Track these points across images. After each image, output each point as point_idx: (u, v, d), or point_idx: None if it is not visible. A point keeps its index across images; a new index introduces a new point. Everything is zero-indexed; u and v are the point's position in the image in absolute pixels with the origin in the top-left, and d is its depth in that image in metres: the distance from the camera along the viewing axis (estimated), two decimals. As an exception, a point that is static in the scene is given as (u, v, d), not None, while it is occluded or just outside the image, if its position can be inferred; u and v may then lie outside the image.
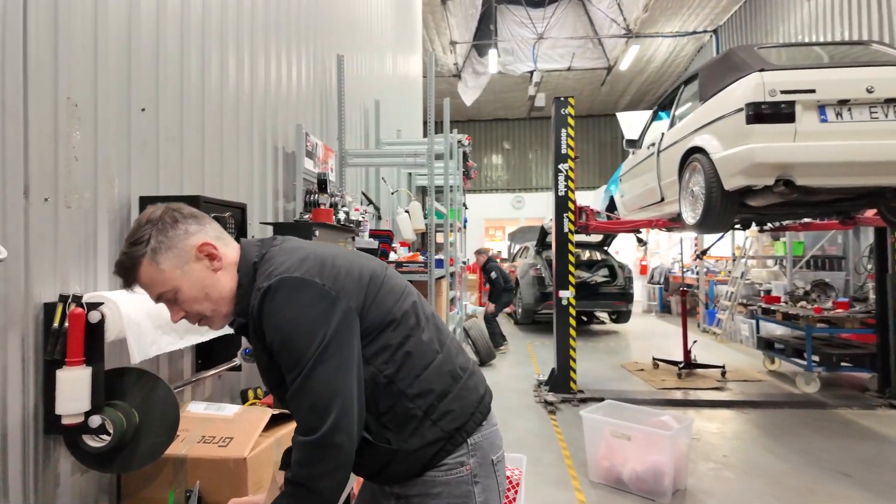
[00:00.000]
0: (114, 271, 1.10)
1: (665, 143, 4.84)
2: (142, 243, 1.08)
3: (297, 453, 1.07)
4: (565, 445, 4.21)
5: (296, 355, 1.05)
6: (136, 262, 1.08)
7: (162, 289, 1.10)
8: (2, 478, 1.31)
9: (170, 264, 1.09)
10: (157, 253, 1.08)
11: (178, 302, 1.12)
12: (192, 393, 2.15)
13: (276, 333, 1.06)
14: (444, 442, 1.18)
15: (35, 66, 1.41)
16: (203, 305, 1.12)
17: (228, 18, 2.45)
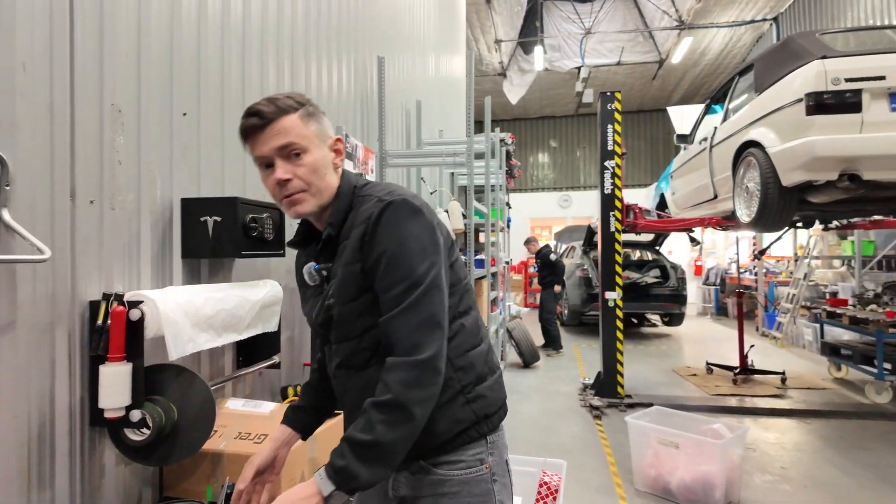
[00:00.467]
0: (256, 109, 1.09)
1: (718, 138, 4.62)
2: (300, 104, 1.11)
3: (398, 374, 1.02)
4: (610, 451, 4.09)
5: (407, 271, 1.04)
6: (286, 110, 1.09)
7: (296, 140, 1.09)
8: (49, 467, 1.37)
9: (314, 130, 1.12)
10: (310, 116, 1.12)
11: (299, 162, 1.10)
12: (233, 389, 2.20)
13: (391, 243, 1.05)
14: (469, 427, 1.16)
15: (81, 73, 1.47)
16: (314, 179, 1.11)
17: (269, 24, 2.50)
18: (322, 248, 1.17)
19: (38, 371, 1.35)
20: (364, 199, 1.14)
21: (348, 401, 1.20)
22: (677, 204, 5.96)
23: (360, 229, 1.09)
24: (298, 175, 1.10)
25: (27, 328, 1.32)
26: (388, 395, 1.00)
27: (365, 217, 1.09)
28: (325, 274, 1.16)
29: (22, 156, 1.30)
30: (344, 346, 1.16)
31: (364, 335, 1.12)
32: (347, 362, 1.16)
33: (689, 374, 6.62)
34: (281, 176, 1.09)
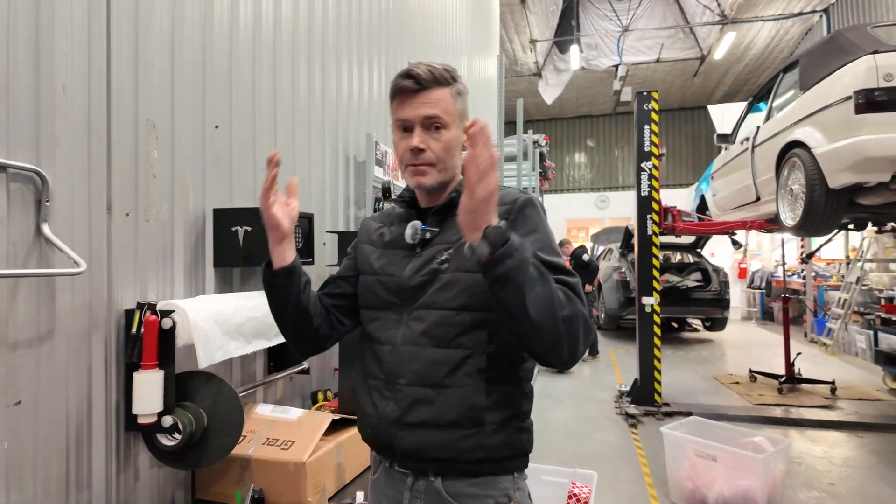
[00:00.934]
0: (416, 73, 1.08)
1: (761, 138, 4.44)
2: (455, 80, 1.13)
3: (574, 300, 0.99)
4: (646, 461, 3.98)
5: (556, 250, 1.07)
6: (441, 81, 1.10)
7: (441, 114, 1.10)
8: (86, 469, 1.44)
9: (459, 109, 1.13)
10: (459, 94, 1.13)
11: (438, 135, 1.11)
12: (265, 394, 2.25)
13: (539, 226, 1.08)
14: (512, 456, 1.11)
15: (117, 91, 1.53)
16: (445, 156, 1.12)
17: (300, 35, 2.55)
18: (436, 212, 1.15)
19: (76, 377, 1.42)
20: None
21: (410, 371, 1.08)
22: (718, 206, 5.77)
23: (503, 208, 1.06)
24: (432, 148, 1.10)
25: (66, 336, 1.38)
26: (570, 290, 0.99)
27: (509, 199, 1.09)
28: (428, 237, 1.13)
29: (61, 172, 1.36)
30: (435, 315, 1.08)
31: (461, 311, 1.07)
32: (430, 332, 1.08)
33: (732, 382, 6.38)
34: (417, 144, 1.09)
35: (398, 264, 1.16)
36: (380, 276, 1.18)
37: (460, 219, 0.94)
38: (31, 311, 1.29)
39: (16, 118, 1.25)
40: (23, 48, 1.27)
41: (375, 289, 1.18)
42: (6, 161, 1.21)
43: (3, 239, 1.23)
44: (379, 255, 1.21)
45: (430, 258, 1.11)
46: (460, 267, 1.07)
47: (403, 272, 1.13)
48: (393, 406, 1.10)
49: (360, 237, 1.30)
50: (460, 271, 1.07)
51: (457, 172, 1.15)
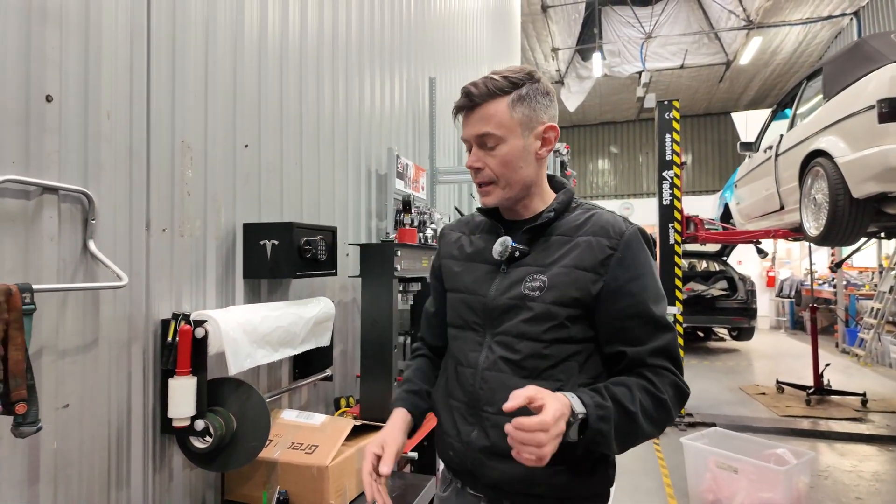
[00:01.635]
0: (467, 89, 1.06)
1: (784, 146, 4.41)
2: (515, 84, 1.04)
3: (673, 388, 1.00)
4: (667, 473, 3.96)
5: (658, 294, 1.04)
6: (495, 92, 1.04)
7: (493, 131, 1.04)
8: (126, 469, 1.54)
9: (520, 117, 1.04)
10: (521, 102, 1.04)
11: (493, 153, 1.06)
12: (290, 400, 2.35)
13: (644, 269, 1.03)
14: (596, 494, 1.08)
15: (156, 115, 1.65)
16: (504, 171, 1.06)
17: (324, 51, 2.66)
18: (529, 229, 1.09)
19: (118, 383, 1.52)
20: (597, 211, 1.09)
21: (500, 400, 0.96)
22: (742, 214, 5.71)
23: (605, 241, 1.03)
24: (489, 165, 1.06)
25: (108, 345, 1.48)
26: (661, 395, 0.98)
27: (615, 231, 1.03)
28: (518, 255, 1.08)
29: (105, 192, 1.47)
30: (525, 345, 1.04)
31: (553, 344, 1.03)
32: (521, 363, 1.04)
33: (758, 393, 6.28)
34: (471, 163, 1.07)
35: (482, 282, 1.11)
36: (464, 294, 1.14)
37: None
38: (77, 321, 1.40)
39: (66, 145, 1.37)
40: (73, 80, 1.39)
41: (459, 308, 1.15)
42: (58, 184, 1.33)
43: (55, 255, 1.34)
44: (461, 270, 1.17)
45: (518, 279, 1.06)
46: (557, 300, 1.02)
47: (488, 291, 1.09)
48: (479, 433, 1.06)
49: (442, 252, 1.27)
50: (556, 305, 1.02)
51: (534, 183, 1.10)
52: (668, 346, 1.01)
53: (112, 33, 1.50)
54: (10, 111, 1.24)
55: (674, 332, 1.03)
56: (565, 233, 1.07)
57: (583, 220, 1.07)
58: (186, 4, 1.78)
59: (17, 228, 1.25)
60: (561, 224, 1.08)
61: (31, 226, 1.29)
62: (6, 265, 1.22)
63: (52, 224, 1.33)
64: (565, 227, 1.07)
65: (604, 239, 1.03)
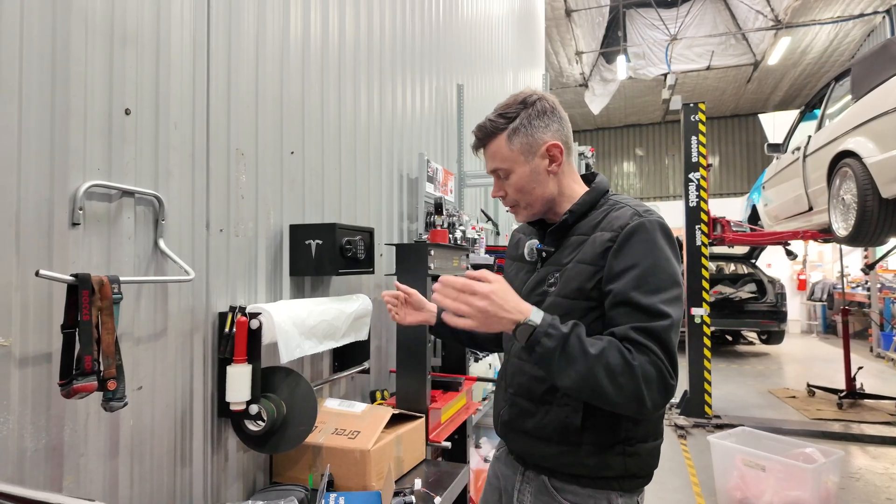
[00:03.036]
0: (474, 131, 1.21)
1: (812, 147, 4.40)
2: (508, 118, 1.17)
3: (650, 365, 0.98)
4: (695, 472, 3.99)
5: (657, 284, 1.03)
6: (492, 133, 1.18)
7: (501, 165, 1.18)
8: (189, 448, 1.68)
9: (519, 147, 1.16)
10: (516, 133, 1.16)
11: (508, 183, 1.19)
12: (330, 390, 2.48)
13: (643, 259, 1.04)
14: (613, 478, 1.13)
15: (214, 125, 1.80)
16: (521, 196, 1.19)
17: (360, 61, 2.80)
18: (552, 231, 1.22)
19: (182, 369, 1.67)
20: (617, 206, 1.16)
21: (517, 383, 1.21)
22: (769, 216, 5.69)
23: (606, 234, 1.09)
24: (508, 192, 1.23)
25: (175, 334, 1.64)
26: (633, 361, 0.97)
27: (618, 224, 1.09)
28: (544, 256, 1.23)
29: (172, 196, 1.63)
30: None
31: None
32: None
33: (788, 397, 6.22)
34: (494, 194, 1.25)
35: (520, 279, 1.28)
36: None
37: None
38: (149, 312, 1.55)
39: (141, 154, 1.53)
40: (147, 95, 1.54)
41: None
42: (135, 188, 1.48)
43: (131, 252, 1.49)
44: (513, 268, 1.36)
45: (543, 277, 1.20)
46: (560, 292, 1.13)
47: (521, 289, 1.22)
48: (506, 409, 1.25)
49: (509, 251, 1.45)
50: (560, 297, 1.13)
51: (556, 195, 1.21)
52: (656, 330, 1.00)
53: (178, 50, 1.66)
54: (96, 124, 1.40)
55: (669, 322, 1.01)
56: (585, 231, 1.16)
57: (600, 217, 1.15)
58: (241, 20, 1.93)
59: (101, 228, 1.41)
60: (582, 224, 1.18)
61: (113, 225, 1.44)
62: (94, 260, 1.38)
63: (129, 224, 1.49)
64: (586, 227, 1.16)
65: (607, 232, 1.10)
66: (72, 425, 1.32)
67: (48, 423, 1.27)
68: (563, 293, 1.12)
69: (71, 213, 1.33)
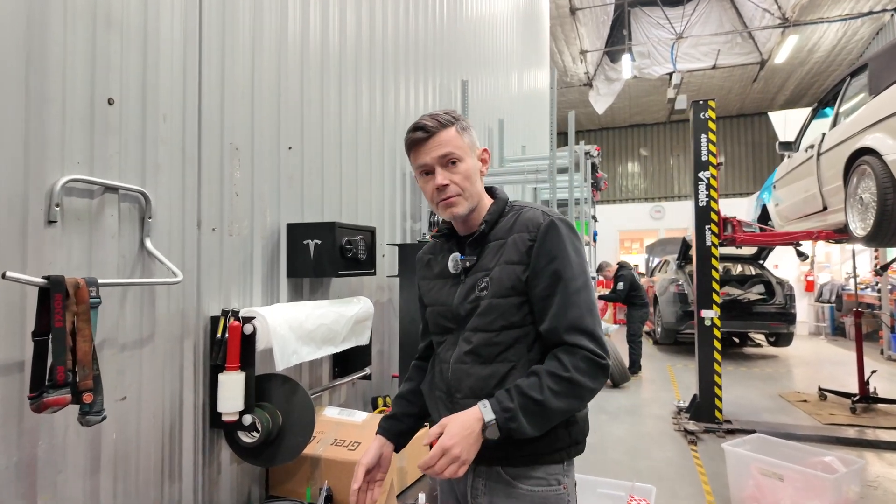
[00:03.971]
0: (422, 124, 1.23)
1: (827, 145, 4.27)
2: (456, 119, 1.26)
3: (577, 360, 1.14)
4: (706, 479, 3.86)
5: (573, 275, 1.19)
6: (445, 124, 1.24)
7: (454, 151, 1.23)
8: (178, 462, 1.58)
9: (467, 142, 1.26)
10: (464, 131, 1.26)
11: (455, 169, 1.24)
12: (330, 398, 2.37)
13: (560, 252, 1.19)
14: (562, 448, 1.24)
15: (207, 118, 1.70)
16: (467, 185, 1.25)
17: (361, 56, 2.70)
18: (471, 242, 1.29)
19: (171, 377, 1.57)
20: (522, 209, 1.28)
21: (465, 387, 1.26)
22: (781, 216, 5.56)
23: (525, 235, 1.22)
24: (455, 181, 1.24)
25: (163, 340, 1.53)
26: (567, 373, 1.12)
27: (533, 225, 1.22)
28: (468, 265, 1.28)
29: (161, 192, 1.53)
30: (478, 337, 1.23)
31: (501, 331, 1.21)
32: (477, 352, 1.24)
33: (799, 401, 6.07)
34: (440, 182, 1.24)
35: (448, 293, 1.31)
36: (438, 306, 1.34)
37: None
38: (135, 316, 1.45)
39: (126, 146, 1.42)
40: (133, 84, 1.44)
41: (437, 318, 1.35)
42: (119, 183, 1.38)
43: (115, 252, 1.39)
44: (432, 287, 1.38)
45: (472, 285, 1.26)
46: (496, 294, 1.22)
47: (453, 300, 1.28)
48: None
49: (419, 274, 1.49)
50: (496, 298, 1.22)
51: (482, 197, 1.29)
52: (580, 321, 1.16)
53: (168, 38, 1.56)
54: (76, 113, 1.29)
55: (587, 299, 1.18)
56: (500, 237, 1.26)
57: (511, 222, 1.26)
58: (235, 10, 1.83)
59: (82, 226, 1.31)
60: (497, 230, 1.27)
61: (95, 224, 1.34)
62: (73, 261, 1.28)
63: (112, 222, 1.39)
64: (500, 232, 1.27)
65: (525, 234, 1.22)
66: (48, 440, 1.22)
67: (20, 438, 1.17)
68: (498, 294, 1.21)
69: (47, 210, 1.22)
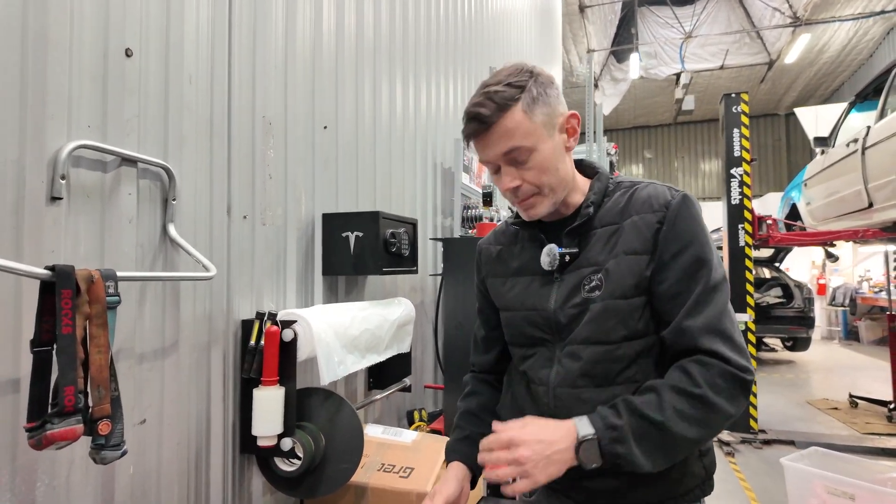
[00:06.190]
0: (473, 111, 0.94)
1: (874, 139, 4.04)
2: (521, 88, 0.93)
3: (713, 375, 0.88)
4: (754, 496, 3.60)
5: (713, 264, 0.94)
6: (508, 103, 0.92)
7: (522, 142, 0.93)
8: (204, 497, 1.31)
9: (541, 119, 0.94)
10: (535, 103, 0.93)
11: (527, 166, 0.96)
12: (365, 414, 2.10)
13: (695, 236, 0.94)
14: (698, 484, 1.00)
15: (237, 85, 1.44)
16: (549, 178, 0.97)
17: (396, 41, 2.45)
18: (572, 230, 1.00)
19: (197, 394, 1.30)
20: (638, 186, 1.00)
21: (571, 416, 0.95)
22: (814, 215, 5.32)
23: (651, 217, 0.95)
24: (527, 179, 0.96)
25: (189, 348, 1.26)
26: (699, 390, 0.87)
27: (659, 203, 0.95)
28: (568, 259, 0.99)
29: (186, 169, 1.26)
30: (591, 351, 0.96)
31: (623, 342, 0.95)
32: (590, 371, 0.97)
33: (829, 408, 5.83)
34: (508, 185, 0.97)
35: (539, 294, 1.03)
36: (523, 311, 1.06)
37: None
38: (156, 320, 1.18)
39: (146, 110, 1.16)
40: (154, 34, 1.18)
41: (521, 326, 1.07)
42: (138, 154, 1.11)
43: (133, 240, 1.12)
44: (511, 287, 1.09)
45: (576, 285, 0.98)
46: (614, 293, 0.94)
47: (549, 304, 1.01)
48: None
49: (483, 269, 1.18)
50: (614, 298, 0.94)
51: (571, 178, 1.00)
52: (717, 322, 0.90)
53: (194, -15, 1.29)
54: (87, 63, 1.03)
55: (724, 298, 0.93)
56: (611, 221, 0.99)
57: (624, 201, 0.99)
58: (268, -37, 1.57)
59: (92, 205, 1.04)
60: (604, 213, 1.00)
61: (109, 204, 1.07)
62: (81, 249, 1.01)
63: (130, 202, 1.12)
64: (609, 215, 0.99)
65: (649, 215, 0.95)
66: (47, 480, 0.95)
67: (13, 479, 0.90)
68: (616, 293, 0.94)
69: (50, 184, 0.95)
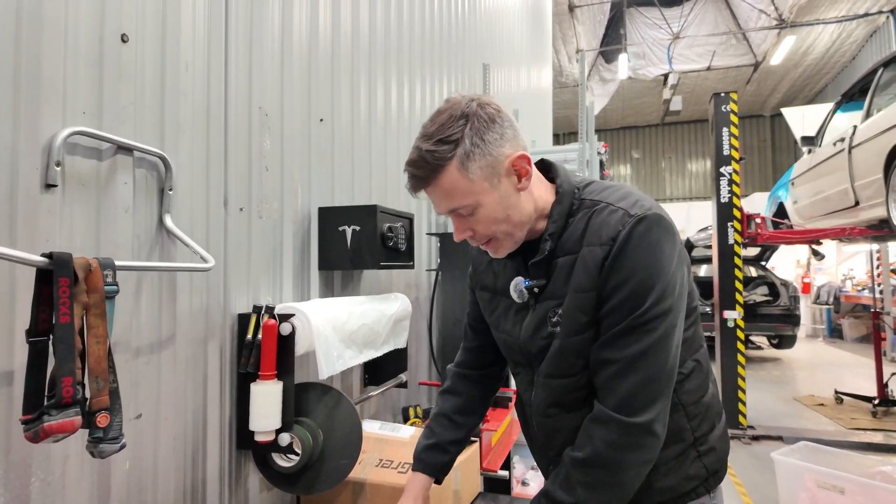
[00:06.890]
0: (408, 170, 0.93)
1: (860, 138, 4.10)
2: (453, 143, 0.88)
3: (606, 431, 0.88)
4: (745, 491, 3.63)
5: (643, 310, 0.86)
6: (441, 164, 0.88)
7: (462, 202, 0.91)
8: (201, 493, 1.28)
9: (480, 174, 0.89)
10: (470, 158, 0.88)
11: (475, 219, 0.93)
12: (362, 410, 2.08)
13: (637, 272, 0.87)
14: (700, 483, 1.02)
15: (234, 74, 1.41)
16: (500, 227, 0.94)
17: (391, 38, 2.43)
18: (538, 263, 0.98)
19: (193, 389, 1.27)
20: (597, 208, 0.94)
21: (557, 445, 1.03)
22: (801, 214, 5.40)
23: (601, 250, 0.89)
24: (477, 231, 0.95)
25: (185, 342, 1.23)
26: (589, 452, 0.88)
27: (609, 236, 0.89)
28: (536, 291, 0.98)
29: (183, 159, 1.23)
30: (558, 384, 0.99)
31: (584, 372, 0.96)
32: (560, 402, 1.00)
33: (816, 404, 5.93)
34: (459, 236, 0.98)
35: (513, 321, 1.05)
36: (502, 334, 1.10)
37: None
38: (153, 313, 1.15)
39: (143, 97, 1.13)
40: (150, 20, 1.15)
41: (503, 347, 1.13)
42: (134, 143, 1.08)
43: (129, 231, 1.09)
44: (494, 306, 1.11)
45: (542, 317, 0.98)
46: (569, 332, 0.94)
47: (521, 333, 1.03)
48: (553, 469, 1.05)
49: (474, 279, 1.19)
50: (570, 336, 0.94)
51: (528, 217, 0.96)
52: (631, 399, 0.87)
53: (191, -29, 1.26)
54: (82, 47, 1.00)
55: (658, 338, 0.87)
56: (570, 249, 0.95)
57: (582, 227, 0.94)
58: (265, -48, 1.54)
59: (88, 194, 1.01)
60: (565, 240, 0.96)
61: (104, 193, 1.04)
62: (76, 238, 0.98)
63: (126, 192, 1.09)
64: (570, 243, 0.95)
65: (596, 248, 0.90)
66: (42, 475, 0.92)
67: (7, 475, 0.87)
68: (571, 332, 0.94)
69: (44, 170, 0.93)
